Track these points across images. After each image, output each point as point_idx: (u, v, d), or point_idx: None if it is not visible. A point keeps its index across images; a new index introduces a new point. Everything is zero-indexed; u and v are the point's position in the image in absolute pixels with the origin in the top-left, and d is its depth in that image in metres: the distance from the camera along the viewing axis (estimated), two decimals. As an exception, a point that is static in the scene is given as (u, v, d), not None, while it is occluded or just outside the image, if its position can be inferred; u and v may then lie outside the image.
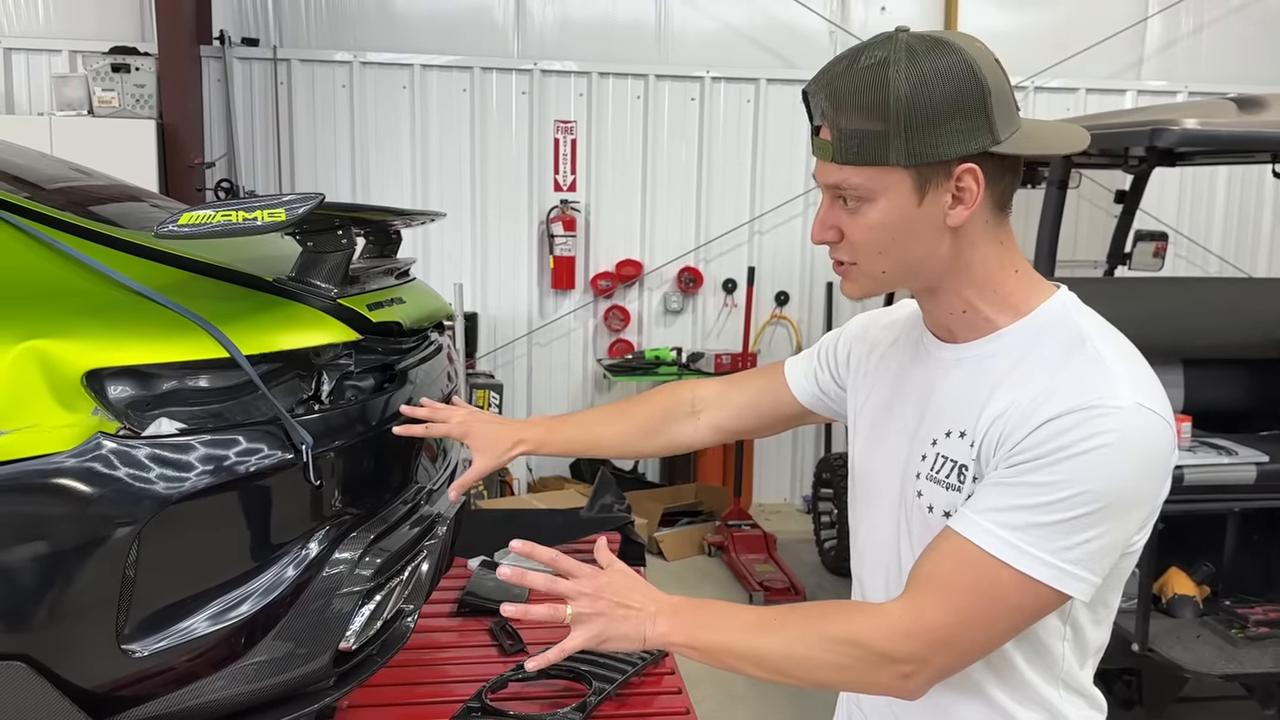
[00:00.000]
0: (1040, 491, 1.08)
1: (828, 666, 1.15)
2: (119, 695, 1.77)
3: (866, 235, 1.17)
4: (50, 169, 2.41)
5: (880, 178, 1.13)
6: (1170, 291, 3.78)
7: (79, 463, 1.67)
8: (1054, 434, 1.08)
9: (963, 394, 1.21)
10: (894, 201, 1.14)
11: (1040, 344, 1.18)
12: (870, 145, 1.12)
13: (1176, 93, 6.95)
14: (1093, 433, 1.07)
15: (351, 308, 2.01)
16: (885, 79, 1.10)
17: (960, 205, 1.15)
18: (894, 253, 1.17)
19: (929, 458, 1.23)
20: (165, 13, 5.73)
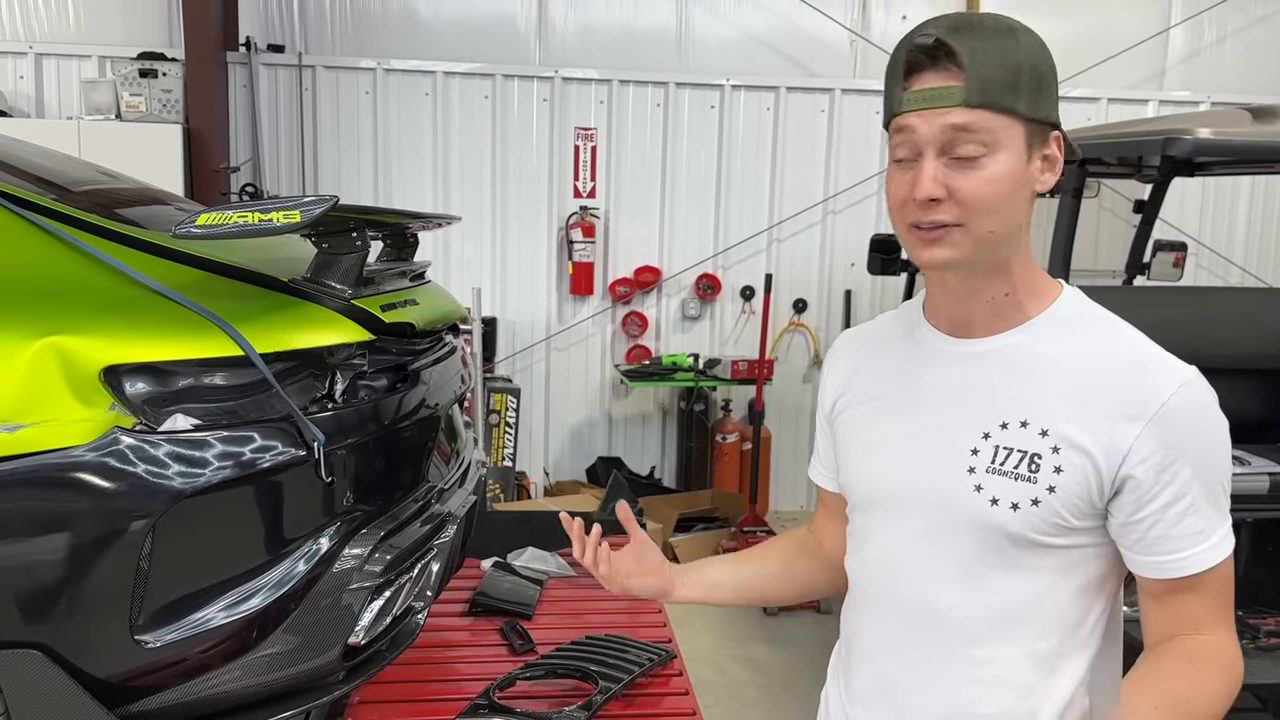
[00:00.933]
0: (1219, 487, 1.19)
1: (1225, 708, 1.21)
2: (132, 685, 1.81)
3: (985, 189, 1.14)
4: (78, 172, 2.46)
5: (1007, 128, 1.14)
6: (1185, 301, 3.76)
7: (96, 456, 1.71)
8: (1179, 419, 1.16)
9: (1010, 385, 1.22)
10: (1013, 154, 1.15)
11: (1078, 333, 1.23)
12: (1005, 91, 1.13)
13: (1199, 103, 6.92)
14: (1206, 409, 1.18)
15: (365, 308, 2.04)
16: (1016, 36, 1.15)
17: (1049, 172, 1.19)
18: (1005, 211, 1.16)
19: (983, 451, 1.22)
20: (193, 19, 5.82)
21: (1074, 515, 1.19)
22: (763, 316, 6.13)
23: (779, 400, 6.67)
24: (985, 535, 1.21)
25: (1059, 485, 1.17)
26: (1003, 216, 1.16)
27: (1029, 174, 1.17)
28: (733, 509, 6.17)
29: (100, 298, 1.84)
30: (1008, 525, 1.20)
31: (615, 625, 2.82)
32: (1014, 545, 1.21)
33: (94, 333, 1.75)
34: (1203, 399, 1.18)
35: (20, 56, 6.08)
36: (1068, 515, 1.19)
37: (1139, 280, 4.71)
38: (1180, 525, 1.17)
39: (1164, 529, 1.18)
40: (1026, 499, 1.18)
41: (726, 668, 4.42)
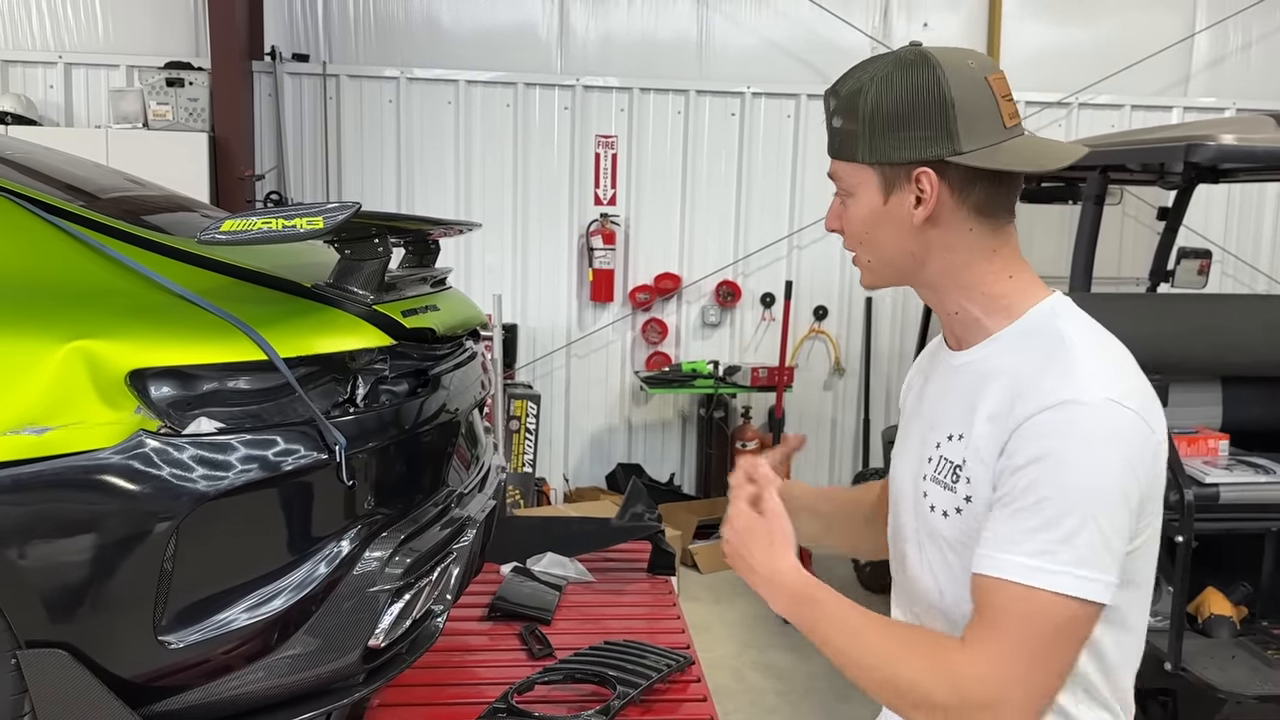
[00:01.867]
0: (1040, 510, 1.12)
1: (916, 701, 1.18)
2: (155, 685, 1.84)
3: (850, 226, 1.31)
4: (106, 179, 2.50)
5: (856, 174, 1.27)
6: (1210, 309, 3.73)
7: (121, 459, 1.74)
8: (1033, 439, 1.13)
9: (961, 398, 1.27)
10: (866, 196, 1.27)
11: (1025, 347, 1.23)
12: (847, 141, 1.27)
13: (1224, 109, 6.86)
14: (1069, 431, 1.12)
15: (386, 314, 2.06)
16: (864, 86, 1.24)
17: (921, 206, 1.23)
18: (871, 245, 1.30)
19: (934, 460, 1.29)
20: (219, 29, 5.89)
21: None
22: (783, 324, 6.12)
23: (799, 407, 6.66)
24: (936, 539, 1.29)
25: (972, 495, 1.22)
26: (875, 249, 1.30)
27: (891, 211, 1.26)
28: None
29: (126, 302, 1.87)
30: (943, 530, 1.27)
31: (633, 631, 2.83)
32: (954, 550, 1.26)
33: (120, 337, 1.77)
34: (1080, 423, 1.12)
35: (50, 66, 6.16)
36: (983, 523, 1.20)
37: (1163, 288, 4.69)
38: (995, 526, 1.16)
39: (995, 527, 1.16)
40: (952, 507, 1.25)
41: (746, 675, 4.41)
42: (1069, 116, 6.79)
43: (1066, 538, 1.10)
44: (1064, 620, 1.12)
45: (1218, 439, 3.43)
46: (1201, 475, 3.19)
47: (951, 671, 1.15)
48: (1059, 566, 1.11)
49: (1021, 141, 1.23)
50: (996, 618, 1.14)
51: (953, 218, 1.24)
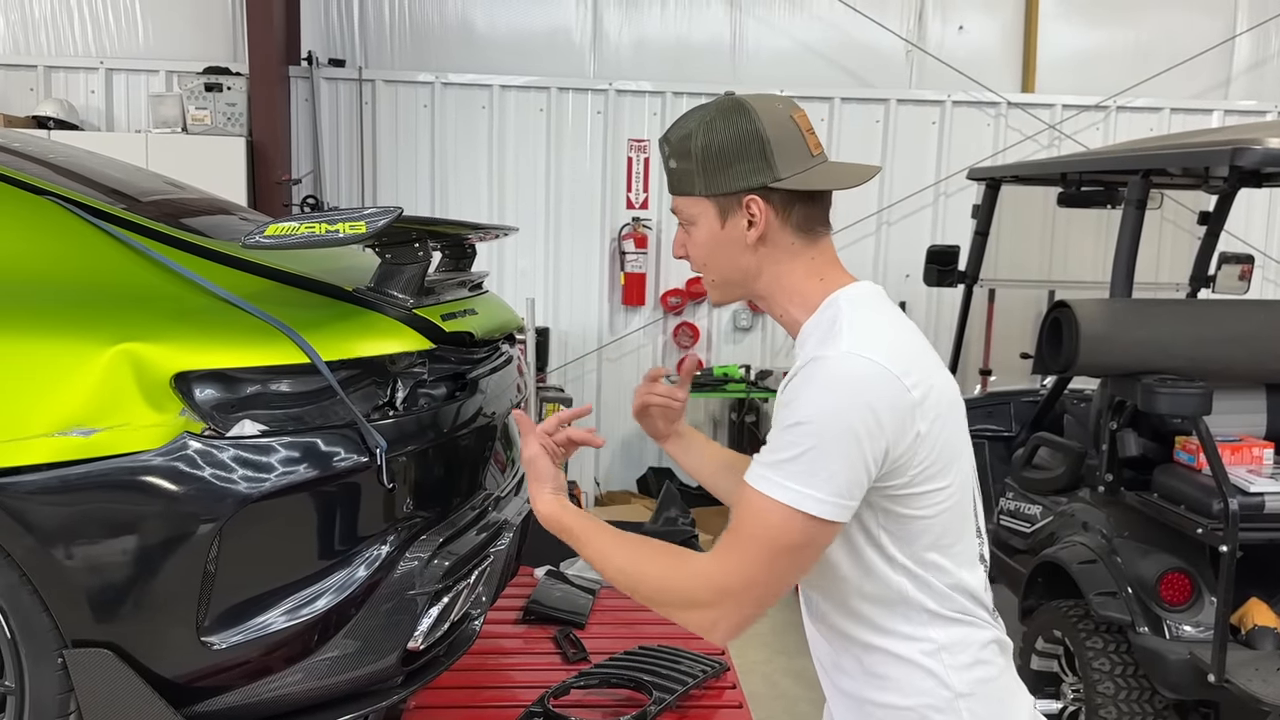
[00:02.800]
0: (785, 435, 1.32)
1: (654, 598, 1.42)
2: (198, 686, 1.85)
3: (695, 251, 1.49)
4: (146, 183, 2.52)
5: (694, 205, 1.46)
6: (1252, 315, 3.67)
7: (165, 461, 1.75)
8: (791, 387, 1.35)
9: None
10: (705, 224, 1.46)
11: (813, 328, 1.43)
12: (684, 179, 1.46)
13: (1265, 112, 6.77)
14: (810, 377, 1.33)
15: (426, 318, 2.07)
16: (692, 131, 1.44)
17: (753, 227, 1.43)
18: (714, 265, 1.49)
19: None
20: (256, 35, 5.95)
21: None
22: (816, 328, 6.10)
23: (832, 413, 6.62)
24: None
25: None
26: (717, 269, 1.49)
27: (729, 235, 1.44)
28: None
29: (171, 306, 1.88)
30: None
31: (668, 635, 2.82)
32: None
33: (165, 340, 1.79)
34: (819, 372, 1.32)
35: (91, 72, 6.25)
36: None
37: (1204, 293, 4.62)
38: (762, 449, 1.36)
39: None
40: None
41: (778, 681, 4.39)
42: (1107, 119, 6.72)
43: (794, 458, 1.30)
44: (783, 529, 1.31)
45: (1262, 447, 3.37)
46: (1246, 484, 3.14)
47: (688, 568, 1.39)
48: (783, 479, 1.30)
49: (827, 166, 1.45)
50: (737, 521, 1.36)
51: (779, 235, 1.44)
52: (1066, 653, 3.57)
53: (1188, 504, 3.19)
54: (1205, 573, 3.20)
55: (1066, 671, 3.59)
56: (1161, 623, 3.19)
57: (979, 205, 4.79)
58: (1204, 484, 3.15)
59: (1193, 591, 3.21)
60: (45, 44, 6.29)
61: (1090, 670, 3.32)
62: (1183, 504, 3.21)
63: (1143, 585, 3.23)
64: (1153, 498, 3.37)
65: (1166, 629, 3.18)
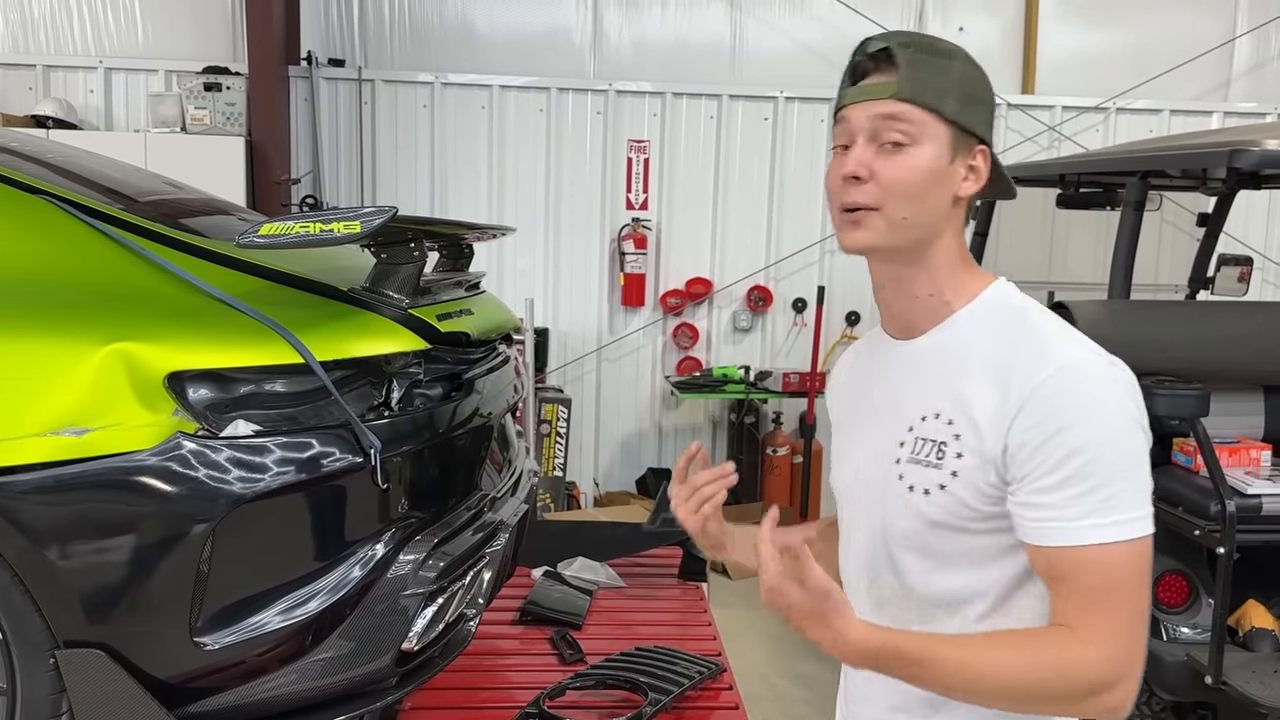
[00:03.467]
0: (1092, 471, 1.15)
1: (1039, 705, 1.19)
2: (191, 686, 1.84)
3: (903, 174, 1.24)
4: (144, 183, 2.52)
5: (931, 125, 1.24)
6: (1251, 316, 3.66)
7: (159, 461, 1.75)
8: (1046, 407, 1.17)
9: (931, 379, 1.29)
10: (935, 149, 1.24)
11: (987, 325, 1.28)
12: (933, 90, 1.24)
13: (1266, 114, 6.76)
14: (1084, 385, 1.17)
15: (421, 318, 2.07)
16: (953, 51, 1.27)
17: (971, 179, 1.27)
18: (920, 200, 1.25)
19: (907, 444, 1.30)
20: (256, 35, 5.95)
21: (976, 498, 1.23)
22: (815, 329, 6.10)
23: (831, 414, 6.61)
24: (909, 523, 1.28)
25: (959, 470, 1.23)
26: (917, 205, 1.25)
27: (950, 174, 1.26)
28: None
29: (165, 305, 1.88)
30: (926, 512, 1.26)
31: (665, 637, 2.82)
32: (933, 532, 1.27)
33: (159, 339, 1.79)
34: (1090, 380, 1.18)
35: (90, 71, 6.25)
36: (971, 498, 1.23)
37: (1202, 295, 4.62)
38: (1052, 496, 1.17)
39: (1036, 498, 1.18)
40: (935, 485, 1.25)
41: (776, 683, 4.39)
42: (1106, 121, 6.71)
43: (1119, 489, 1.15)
44: (1139, 564, 1.16)
45: (1260, 449, 3.36)
46: (1243, 486, 3.13)
47: (1067, 663, 1.16)
48: (1122, 516, 1.15)
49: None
50: (1088, 591, 1.16)
51: (967, 203, 1.29)
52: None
53: (1185, 506, 3.19)
54: (1203, 575, 3.19)
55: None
56: (1159, 624, 3.18)
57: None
58: (1202, 486, 3.14)
59: (1190, 593, 3.20)
60: (44, 43, 6.29)
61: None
62: (1180, 506, 3.21)
63: (1140, 587, 3.22)
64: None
65: (1164, 631, 3.17)
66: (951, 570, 1.27)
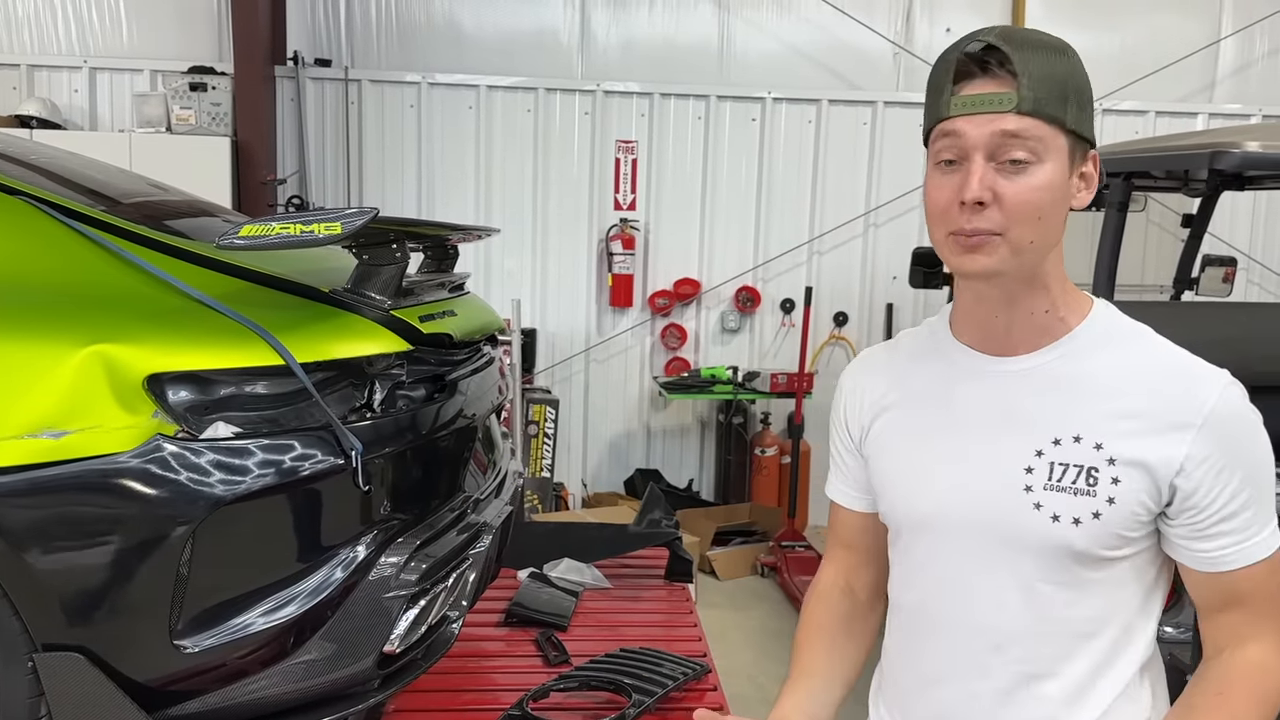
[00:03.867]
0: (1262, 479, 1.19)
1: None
2: (171, 689, 1.83)
3: (1031, 196, 1.14)
4: (128, 184, 2.51)
5: (1055, 138, 1.15)
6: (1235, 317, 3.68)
7: (139, 463, 1.74)
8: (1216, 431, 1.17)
9: (1058, 400, 1.22)
10: (1058, 164, 1.15)
11: (1114, 345, 1.23)
12: (1056, 101, 1.14)
13: (1250, 116, 6.80)
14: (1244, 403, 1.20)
15: (404, 319, 2.06)
16: (1066, 53, 1.18)
17: (1085, 190, 1.19)
18: (1047, 221, 1.16)
19: (1038, 469, 1.21)
20: (241, 34, 5.93)
21: (1132, 526, 1.20)
22: (803, 329, 6.10)
23: (818, 414, 6.62)
24: (1048, 553, 1.21)
25: (1117, 497, 1.18)
26: (1043, 227, 1.16)
27: (1069, 188, 1.18)
28: (771, 523, 6.14)
29: (144, 306, 1.87)
30: (1073, 542, 1.20)
31: (650, 638, 2.81)
32: (1077, 561, 1.21)
33: (138, 341, 1.78)
34: (1243, 401, 1.20)
35: (75, 71, 6.22)
36: (1127, 526, 1.20)
37: (1187, 296, 4.64)
38: (1233, 522, 1.19)
39: (1219, 529, 1.19)
40: (1088, 513, 1.19)
41: (764, 684, 4.39)
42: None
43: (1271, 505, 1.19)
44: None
45: (1243, 449, 3.38)
46: (1227, 486, 3.15)
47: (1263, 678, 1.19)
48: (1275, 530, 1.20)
49: None
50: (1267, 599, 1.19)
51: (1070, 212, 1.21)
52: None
53: (1169, 506, 3.20)
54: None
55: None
56: (1143, 624, 3.19)
57: None
58: (1185, 486, 3.15)
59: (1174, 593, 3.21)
60: (28, 42, 6.25)
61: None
62: (1165, 506, 3.22)
63: (1125, 587, 3.23)
64: (1135, 500, 3.38)
65: (1148, 631, 3.18)
66: (1090, 598, 1.23)
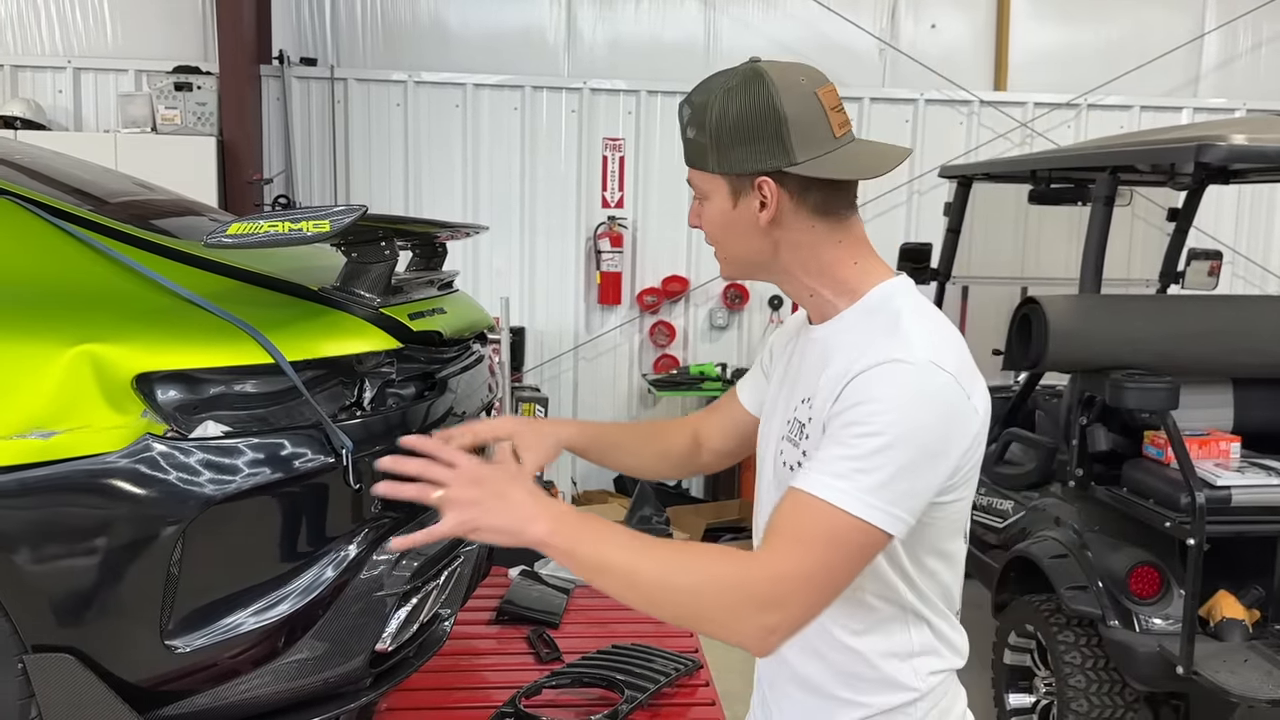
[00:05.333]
0: (855, 442, 1.24)
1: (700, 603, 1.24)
2: (163, 690, 1.83)
3: (706, 226, 1.43)
4: (114, 184, 2.50)
5: (708, 181, 1.39)
6: (1221, 310, 3.71)
7: (128, 463, 1.73)
8: (860, 387, 1.26)
9: (812, 366, 1.41)
10: (717, 201, 1.39)
11: (866, 320, 1.37)
12: (698, 152, 1.38)
13: (1235, 110, 6.83)
14: (890, 384, 1.25)
15: (393, 317, 2.06)
16: (710, 101, 1.35)
17: (764, 210, 1.35)
18: (725, 243, 1.43)
19: (789, 421, 1.43)
20: (227, 33, 5.90)
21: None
22: (791, 326, 6.11)
23: (808, 410, 6.64)
24: (781, 489, 1.36)
25: (808, 450, 1.35)
26: (726, 247, 1.43)
27: (741, 215, 1.37)
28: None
29: (133, 306, 1.86)
30: (789, 481, 1.33)
31: (642, 635, 2.82)
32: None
33: (126, 341, 1.77)
34: (900, 376, 1.25)
35: (59, 71, 6.18)
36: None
37: (1173, 289, 4.67)
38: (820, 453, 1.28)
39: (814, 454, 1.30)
40: (795, 462, 1.39)
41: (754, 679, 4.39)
42: (1078, 118, 6.77)
43: (871, 469, 1.22)
44: (854, 540, 1.24)
45: (1229, 441, 3.40)
46: (1213, 478, 3.17)
47: (745, 570, 1.25)
48: (859, 492, 1.22)
49: (852, 148, 1.36)
50: (800, 528, 1.25)
51: (794, 218, 1.36)
52: (1039, 647, 3.59)
53: (1156, 498, 3.22)
54: (1174, 566, 3.23)
55: (1039, 665, 3.62)
56: (1131, 616, 3.21)
57: (951, 203, 4.82)
58: (1172, 478, 3.17)
59: (1162, 585, 3.24)
60: (12, 43, 6.22)
61: (1062, 664, 3.35)
62: (1151, 498, 3.24)
63: (1113, 579, 3.25)
64: (1122, 492, 3.40)
65: (1136, 622, 3.21)
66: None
